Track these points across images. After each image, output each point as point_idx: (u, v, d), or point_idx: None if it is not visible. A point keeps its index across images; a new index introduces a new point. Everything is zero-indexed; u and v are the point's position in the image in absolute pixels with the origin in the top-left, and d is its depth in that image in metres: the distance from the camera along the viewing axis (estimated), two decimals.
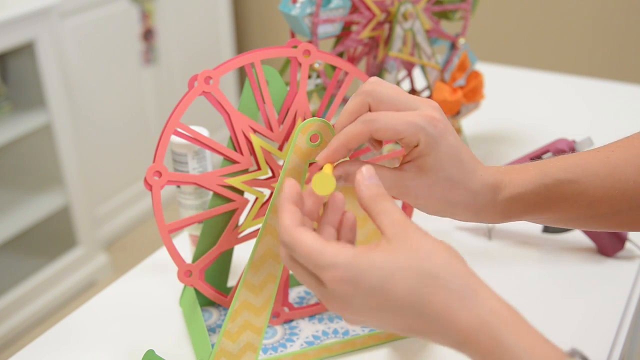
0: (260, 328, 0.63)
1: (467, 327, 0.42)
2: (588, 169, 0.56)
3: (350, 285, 0.43)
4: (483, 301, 0.42)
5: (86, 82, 2.08)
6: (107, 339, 0.71)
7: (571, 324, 0.72)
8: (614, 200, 0.55)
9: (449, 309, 0.42)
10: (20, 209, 1.94)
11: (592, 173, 0.56)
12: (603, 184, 0.55)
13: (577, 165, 0.56)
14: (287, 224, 0.46)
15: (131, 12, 2.20)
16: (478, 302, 0.42)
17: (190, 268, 0.67)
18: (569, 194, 0.56)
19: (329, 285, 0.44)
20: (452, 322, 0.42)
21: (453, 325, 0.42)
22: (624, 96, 1.31)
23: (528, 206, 0.57)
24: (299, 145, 0.57)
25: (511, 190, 0.56)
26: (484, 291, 0.43)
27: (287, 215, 0.46)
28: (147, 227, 2.40)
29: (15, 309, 1.92)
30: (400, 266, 0.43)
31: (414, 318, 0.43)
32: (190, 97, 0.63)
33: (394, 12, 0.88)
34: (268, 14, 2.71)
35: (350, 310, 0.44)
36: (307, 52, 0.67)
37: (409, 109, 0.51)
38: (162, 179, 0.64)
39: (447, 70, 0.96)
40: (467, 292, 0.42)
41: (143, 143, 2.36)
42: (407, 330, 0.44)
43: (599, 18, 2.04)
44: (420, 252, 0.43)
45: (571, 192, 0.56)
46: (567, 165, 0.56)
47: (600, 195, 0.55)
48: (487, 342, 0.41)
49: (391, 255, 0.43)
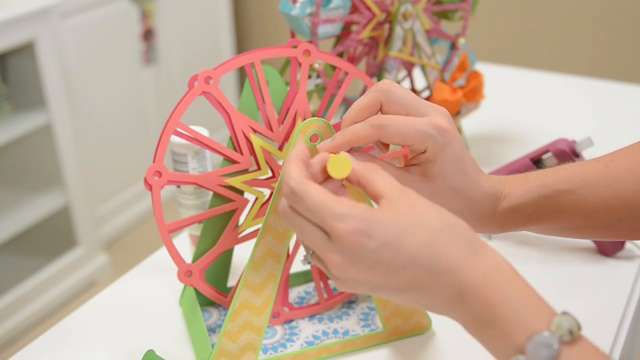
0: (260, 328, 0.63)
1: (474, 277, 0.43)
2: (587, 180, 0.56)
3: (364, 236, 0.43)
4: (488, 255, 0.44)
5: (86, 82, 2.08)
6: (107, 339, 0.71)
7: None
8: (613, 210, 0.56)
9: (459, 260, 0.43)
10: (20, 209, 1.94)
11: (591, 184, 0.56)
12: (602, 194, 0.55)
13: (576, 175, 0.56)
14: (297, 174, 0.46)
15: (131, 12, 2.20)
16: (485, 255, 0.44)
17: (190, 268, 0.67)
18: (568, 205, 0.56)
19: (340, 237, 0.43)
20: (459, 273, 0.43)
21: (459, 276, 0.43)
22: (624, 96, 1.31)
23: (527, 217, 0.57)
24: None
25: (511, 201, 0.56)
26: (489, 248, 0.45)
27: (297, 168, 0.46)
28: (147, 227, 2.41)
29: (15, 309, 1.92)
30: (412, 221, 0.43)
31: (422, 271, 0.43)
32: (190, 97, 0.63)
33: (394, 12, 0.88)
34: (268, 14, 2.71)
35: (356, 266, 0.44)
36: (307, 52, 0.67)
37: (419, 114, 0.52)
38: (162, 179, 0.64)
39: (447, 70, 0.96)
40: (475, 245, 0.44)
41: (143, 143, 2.36)
42: (408, 286, 0.44)
43: (599, 18, 2.04)
44: (429, 209, 0.44)
45: (570, 202, 0.56)
46: (566, 175, 0.57)
47: (599, 205, 0.55)
48: (489, 293, 0.43)
49: (401, 210, 0.44)
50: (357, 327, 0.72)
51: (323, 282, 0.74)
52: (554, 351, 0.40)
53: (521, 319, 0.42)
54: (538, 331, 0.41)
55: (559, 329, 0.41)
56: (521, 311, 0.42)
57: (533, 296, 0.43)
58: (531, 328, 0.41)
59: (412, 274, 0.44)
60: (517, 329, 0.42)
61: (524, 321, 0.42)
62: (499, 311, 0.42)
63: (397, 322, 0.69)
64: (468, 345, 0.70)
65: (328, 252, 0.44)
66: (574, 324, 0.41)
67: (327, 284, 0.74)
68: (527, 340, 0.41)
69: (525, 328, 0.42)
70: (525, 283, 0.44)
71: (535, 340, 0.41)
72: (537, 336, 0.41)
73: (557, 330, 0.41)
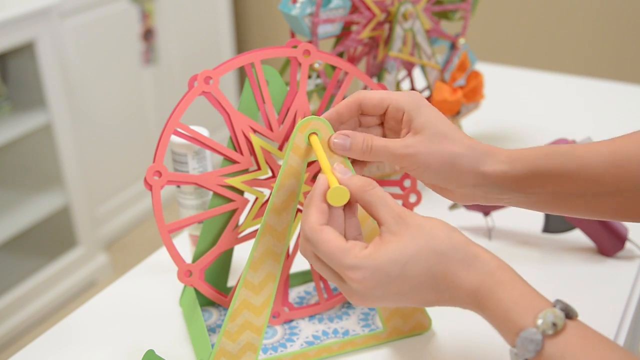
0: (260, 328, 0.63)
1: (471, 288, 0.49)
2: (590, 147, 0.56)
3: (372, 281, 0.48)
4: (482, 264, 0.49)
5: (86, 82, 2.08)
6: (107, 339, 0.71)
7: None
8: (617, 179, 0.55)
9: (457, 278, 0.49)
10: (20, 209, 1.94)
11: (595, 151, 0.56)
12: (606, 159, 0.55)
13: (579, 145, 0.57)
14: (313, 221, 0.50)
15: (131, 12, 2.20)
16: (477, 266, 0.49)
17: (190, 268, 0.67)
18: (571, 165, 0.55)
19: (352, 283, 0.49)
20: (459, 288, 0.49)
21: (460, 290, 0.49)
22: (624, 96, 1.31)
23: (526, 178, 0.56)
24: (297, 144, 0.57)
25: (507, 160, 0.56)
26: (482, 254, 0.50)
27: (315, 214, 0.51)
28: (147, 227, 2.41)
29: (15, 309, 1.92)
30: (411, 252, 0.48)
31: (428, 292, 0.50)
32: (190, 97, 0.63)
33: (394, 12, 0.88)
34: (268, 14, 2.71)
35: (370, 300, 0.50)
36: (307, 52, 0.67)
37: None
38: (162, 179, 0.64)
39: (447, 70, 0.96)
40: (469, 258, 0.49)
41: (143, 143, 2.36)
42: (422, 303, 0.51)
43: (599, 18, 2.04)
44: (424, 235, 0.49)
45: (573, 164, 0.55)
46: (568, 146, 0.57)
47: (602, 170, 0.55)
48: (485, 298, 0.48)
49: (400, 244, 0.49)
50: (357, 327, 0.72)
51: (323, 282, 0.74)
52: (538, 344, 0.45)
53: (511, 318, 0.47)
54: (524, 327, 0.46)
55: (543, 324, 0.45)
56: (511, 311, 0.47)
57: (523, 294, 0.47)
58: (519, 325, 0.46)
59: (421, 295, 0.50)
60: (509, 326, 0.47)
61: (513, 319, 0.46)
62: (493, 314, 0.48)
63: (397, 322, 0.69)
64: (468, 345, 0.70)
65: (344, 291, 0.51)
66: (559, 317, 0.45)
67: (327, 284, 0.74)
68: (516, 336, 0.46)
69: (514, 325, 0.46)
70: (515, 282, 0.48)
71: (521, 336, 0.45)
72: (523, 332, 0.45)
73: (541, 325, 0.45)
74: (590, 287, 0.78)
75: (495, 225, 0.88)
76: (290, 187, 0.59)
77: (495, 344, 0.64)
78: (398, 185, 0.73)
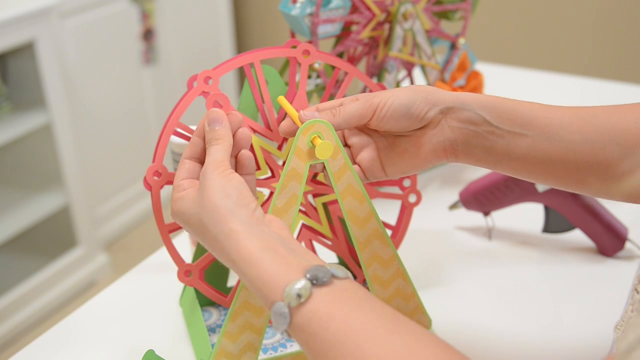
0: (261, 328, 0.63)
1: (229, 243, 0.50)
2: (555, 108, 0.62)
3: None
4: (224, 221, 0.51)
5: (86, 82, 2.08)
6: (107, 339, 0.71)
7: (571, 323, 0.72)
8: (583, 129, 0.61)
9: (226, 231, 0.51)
10: (20, 209, 1.94)
11: (559, 109, 0.61)
12: (571, 112, 0.61)
13: None
14: None
15: (131, 12, 2.20)
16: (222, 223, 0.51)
17: (190, 268, 0.67)
18: (540, 113, 0.60)
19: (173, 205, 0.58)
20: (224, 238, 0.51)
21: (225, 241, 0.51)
22: (624, 96, 1.31)
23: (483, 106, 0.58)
24: (300, 147, 0.57)
25: (474, 97, 0.58)
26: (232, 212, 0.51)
27: None
28: (147, 227, 2.41)
29: (15, 309, 1.92)
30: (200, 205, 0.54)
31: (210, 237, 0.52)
32: (189, 97, 0.63)
33: (394, 12, 0.88)
34: (268, 14, 2.71)
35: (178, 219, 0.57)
36: (306, 52, 0.67)
37: None
38: (162, 179, 0.64)
39: (447, 70, 0.96)
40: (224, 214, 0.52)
41: (143, 143, 2.36)
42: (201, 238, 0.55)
43: (599, 18, 2.04)
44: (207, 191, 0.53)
45: (542, 112, 0.60)
46: None
47: (568, 119, 0.61)
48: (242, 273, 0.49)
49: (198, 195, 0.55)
50: None
51: None
52: (287, 317, 0.46)
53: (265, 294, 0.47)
54: (274, 302, 0.46)
55: (287, 297, 0.45)
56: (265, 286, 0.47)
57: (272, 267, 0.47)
58: (271, 300, 0.47)
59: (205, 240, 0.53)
60: (266, 303, 0.47)
61: (266, 295, 0.47)
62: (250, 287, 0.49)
63: None
64: (468, 345, 0.70)
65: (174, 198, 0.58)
66: (305, 287, 0.45)
67: None
68: (269, 310, 0.47)
69: (267, 301, 0.47)
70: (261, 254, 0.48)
71: (273, 311, 0.46)
72: (273, 306, 0.46)
73: (286, 298, 0.45)
74: (590, 287, 0.78)
75: (495, 225, 0.88)
76: (292, 189, 0.59)
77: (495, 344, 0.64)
78: (397, 185, 0.73)
